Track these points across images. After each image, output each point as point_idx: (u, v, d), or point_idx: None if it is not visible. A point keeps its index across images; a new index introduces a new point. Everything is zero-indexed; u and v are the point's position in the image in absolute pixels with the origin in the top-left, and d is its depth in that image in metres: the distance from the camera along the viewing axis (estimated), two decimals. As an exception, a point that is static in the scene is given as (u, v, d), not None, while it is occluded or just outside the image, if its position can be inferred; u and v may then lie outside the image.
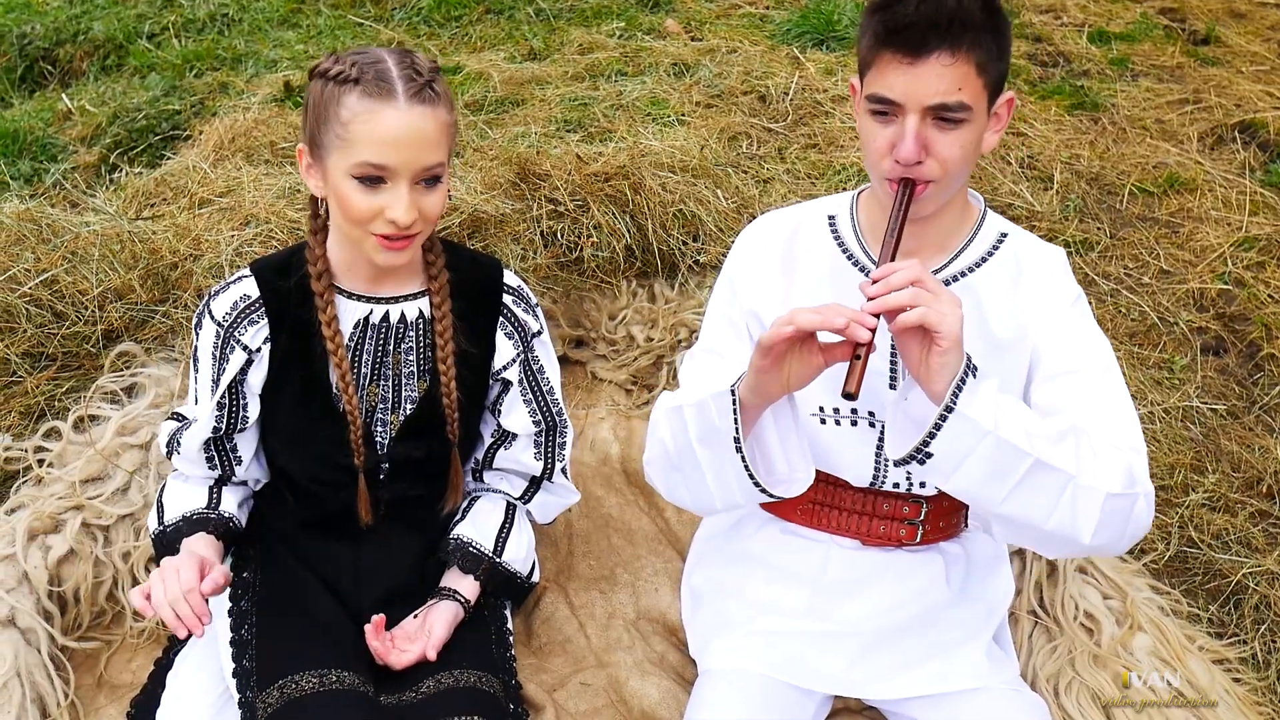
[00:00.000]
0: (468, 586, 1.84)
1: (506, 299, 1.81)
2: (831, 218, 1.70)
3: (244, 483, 1.88)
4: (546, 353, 1.89)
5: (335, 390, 1.73)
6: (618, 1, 4.46)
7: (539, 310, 1.88)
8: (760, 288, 1.69)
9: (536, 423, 1.87)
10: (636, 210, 2.69)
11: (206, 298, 1.75)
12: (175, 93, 4.07)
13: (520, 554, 1.92)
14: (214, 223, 2.57)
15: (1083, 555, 1.77)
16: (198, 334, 1.75)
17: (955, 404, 1.35)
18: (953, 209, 1.59)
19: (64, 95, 4.19)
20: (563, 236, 2.63)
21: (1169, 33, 4.29)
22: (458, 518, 1.91)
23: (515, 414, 1.86)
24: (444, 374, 1.75)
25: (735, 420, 1.46)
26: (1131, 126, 3.66)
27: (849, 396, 1.33)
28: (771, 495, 1.53)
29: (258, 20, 4.61)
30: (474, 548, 1.86)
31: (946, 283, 1.62)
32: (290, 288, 1.71)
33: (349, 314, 1.73)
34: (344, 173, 1.54)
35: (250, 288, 1.71)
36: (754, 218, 2.79)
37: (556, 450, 1.92)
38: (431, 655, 1.72)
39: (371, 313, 1.74)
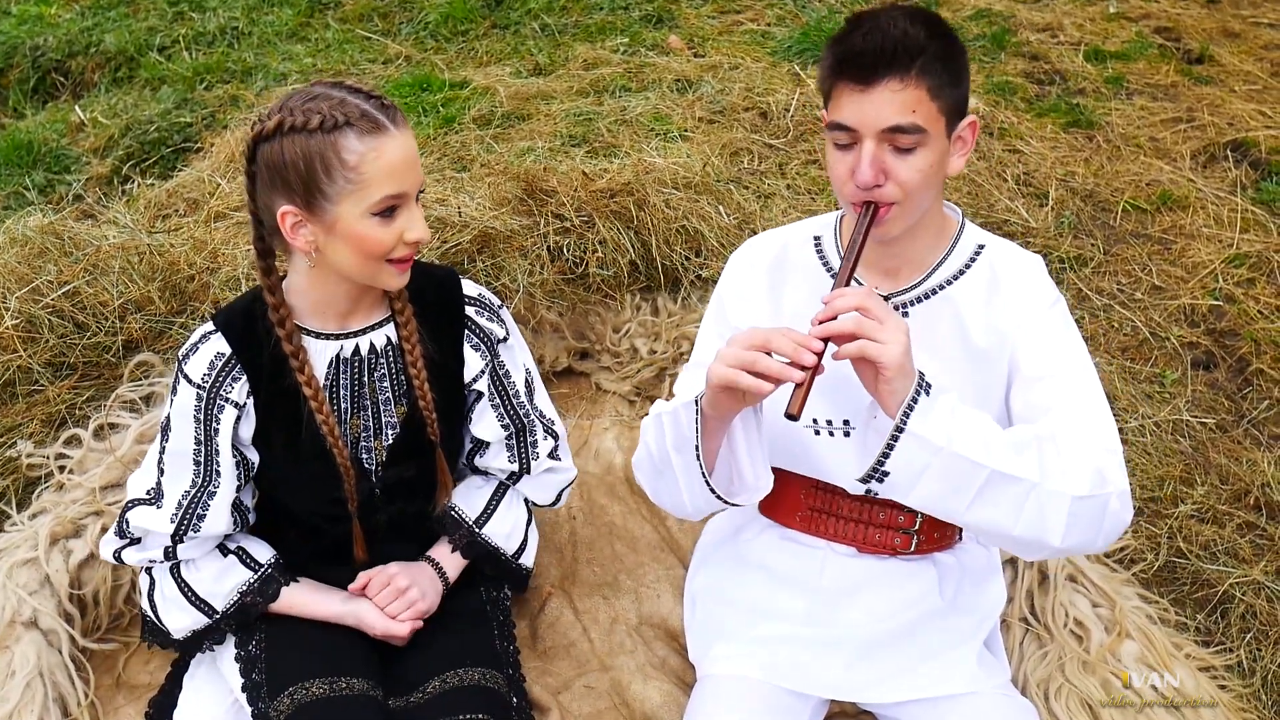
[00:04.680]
0: (446, 556, 1.89)
1: (469, 310, 1.82)
2: (817, 238, 1.75)
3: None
4: (513, 356, 1.89)
5: (321, 429, 1.73)
6: (622, 18, 4.49)
7: (504, 313, 1.88)
8: (747, 307, 1.75)
9: (505, 427, 1.89)
10: (640, 226, 2.74)
11: (178, 364, 1.71)
12: (186, 105, 4.11)
13: (504, 530, 1.94)
14: (230, 236, 2.61)
15: (1061, 556, 1.81)
16: (172, 400, 1.71)
17: (906, 424, 1.41)
18: (927, 227, 1.63)
19: (76, 107, 4.24)
20: (569, 252, 2.67)
21: (1164, 52, 4.32)
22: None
23: (484, 422, 1.89)
24: (420, 391, 1.76)
25: (696, 429, 1.55)
26: (1126, 144, 3.69)
27: (790, 418, 1.39)
28: (728, 502, 1.62)
29: (267, 34, 4.65)
30: (456, 512, 1.90)
31: (925, 296, 1.66)
32: (261, 339, 1.69)
33: (321, 354, 1.73)
34: (362, 214, 1.55)
35: (221, 345, 1.68)
36: (755, 233, 2.87)
37: (529, 450, 1.94)
38: (422, 608, 1.81)
39: (342, 349, 1.74)
